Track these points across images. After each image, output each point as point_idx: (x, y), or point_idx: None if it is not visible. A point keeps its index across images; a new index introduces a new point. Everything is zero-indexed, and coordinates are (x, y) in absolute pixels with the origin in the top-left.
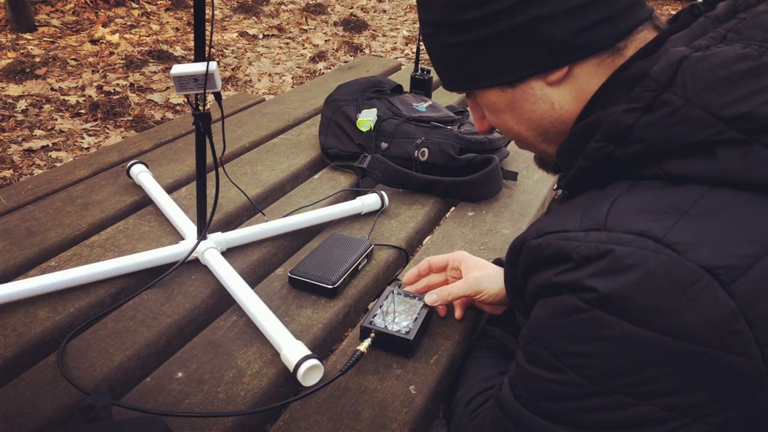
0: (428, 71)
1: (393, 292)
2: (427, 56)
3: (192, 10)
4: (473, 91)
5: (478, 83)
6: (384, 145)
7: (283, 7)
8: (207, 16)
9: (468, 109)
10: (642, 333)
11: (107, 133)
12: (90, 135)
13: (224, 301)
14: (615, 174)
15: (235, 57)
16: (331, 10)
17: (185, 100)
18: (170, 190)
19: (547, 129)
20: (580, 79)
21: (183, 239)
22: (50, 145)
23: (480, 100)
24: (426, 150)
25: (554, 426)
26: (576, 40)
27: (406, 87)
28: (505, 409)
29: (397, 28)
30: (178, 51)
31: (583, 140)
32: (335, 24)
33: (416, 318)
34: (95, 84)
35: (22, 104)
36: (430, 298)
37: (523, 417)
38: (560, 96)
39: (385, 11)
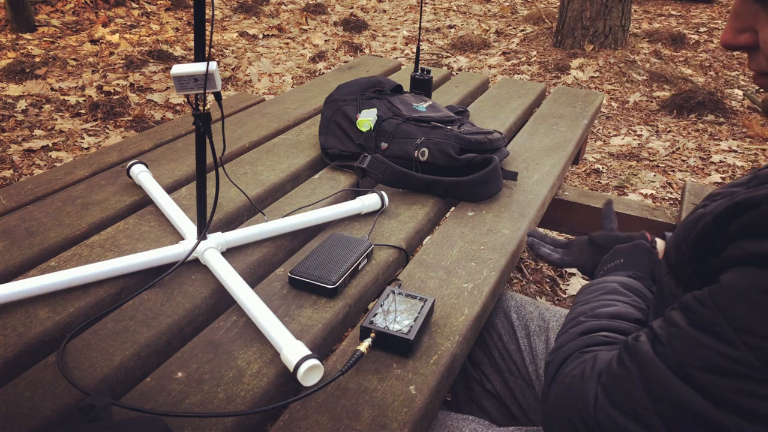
0: (428, 71)
1: (393, 291)
2: (427, 56)
3: (192, 10)
4: None
5: None
6: (384, 145)
7: (283, 7)
8: (207, 16)
9: (467, 109)
10: None
11: (107, 133)
12: (90, 135)
13: (224, 301)
14: None
15: (235, 57)
16: (331, 10)
17: (185, 100)
18: (170, 190)
19: None
20: None
21: (183, 239)
22: (50, 145)
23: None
24: (426, 150)
25: (696, 396)
26: None
27: (406, 87)
28: (638, 360)
29: (397, 28)
30: (178, 51)
31: None
32: (335, 24)
33: (416, 317)
34: (95, 84)
35: (22, 104)
36: None
37: (660, 375)
38: None
39: (385, 11)
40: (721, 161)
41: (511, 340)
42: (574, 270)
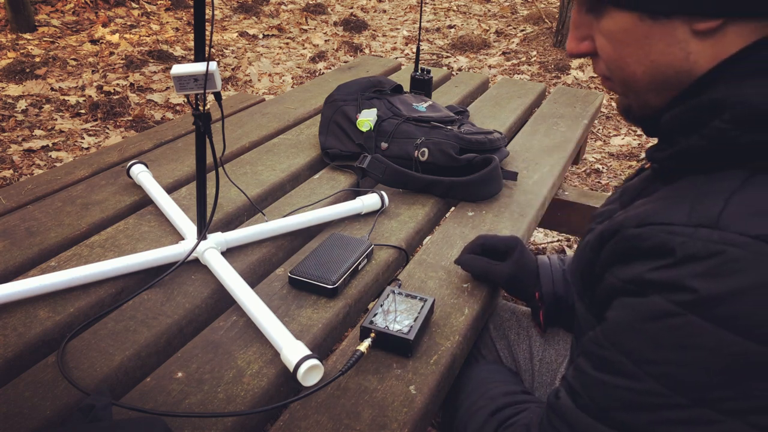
0: (428, 71)
1: (393, 291)
2: (427, 56)
3: (192, 10)
4: (605, 8)
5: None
6: (384, 145)
7: (283, 7)
8: (207, 16)
9: (467, 108)
10: (742, 344)
11: (107, 133)
12: (90, 135)
13: (224, 301)
14: (727, 159)
15: (235, 57)
16: (331, 10)
17: (185, 100)
18: (170, 190)
19: (668, 79)
20: (727, 39)
21: (183, 239)
22: (50, 145)
23: (605, 24)
24: (426, 150)
25: None
26: None
27: (406, 87)
28: (566, 418)
29: (397, 28)
30: (178, 51)
31: (702, 117)
32: (335, 24)
33: (416, 317)
34: (95, 84)
35: (22, 104)
36: None
37: (588, 427)
38: (699, 50)
39: (385, 11)
40: None
41: (489, 353)
42: None
